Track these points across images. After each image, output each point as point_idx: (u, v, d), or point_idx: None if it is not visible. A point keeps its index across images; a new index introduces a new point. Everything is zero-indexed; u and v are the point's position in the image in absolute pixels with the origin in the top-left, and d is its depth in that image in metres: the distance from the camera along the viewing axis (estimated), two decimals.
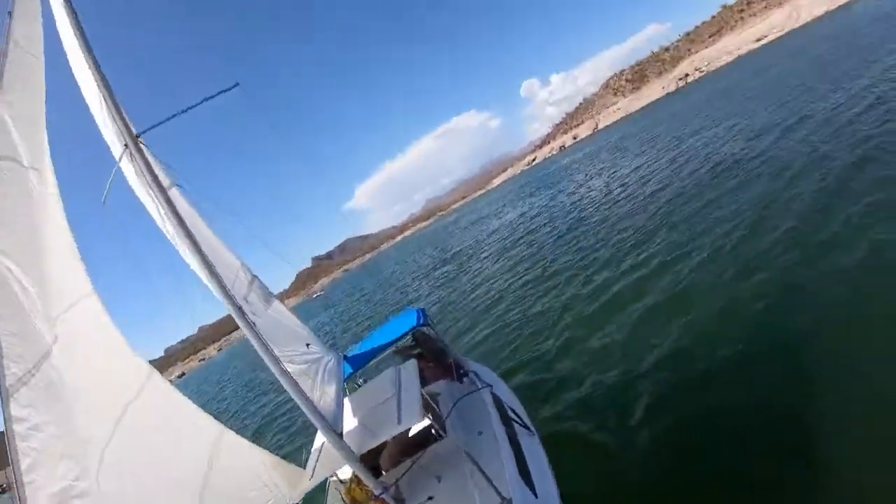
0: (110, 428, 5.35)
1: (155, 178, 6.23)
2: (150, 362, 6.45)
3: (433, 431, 7.76)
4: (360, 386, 10.95)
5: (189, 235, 6.23)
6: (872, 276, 9.31)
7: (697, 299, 11.80)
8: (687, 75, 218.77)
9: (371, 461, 7.91)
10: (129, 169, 6.68)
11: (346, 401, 8.71)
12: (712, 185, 20.48)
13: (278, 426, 23.06)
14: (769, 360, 8.65)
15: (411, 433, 8.26)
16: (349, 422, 8.08)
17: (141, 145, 6.38)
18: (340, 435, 6.28)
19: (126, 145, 6.28)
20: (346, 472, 8.09)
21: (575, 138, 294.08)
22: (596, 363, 11.52)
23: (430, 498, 6.87)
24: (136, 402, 5.79)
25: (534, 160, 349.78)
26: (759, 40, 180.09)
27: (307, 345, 9.62)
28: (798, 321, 9.19)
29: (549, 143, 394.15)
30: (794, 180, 15.71)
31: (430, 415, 7.63)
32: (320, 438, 8.78)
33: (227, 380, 63.34)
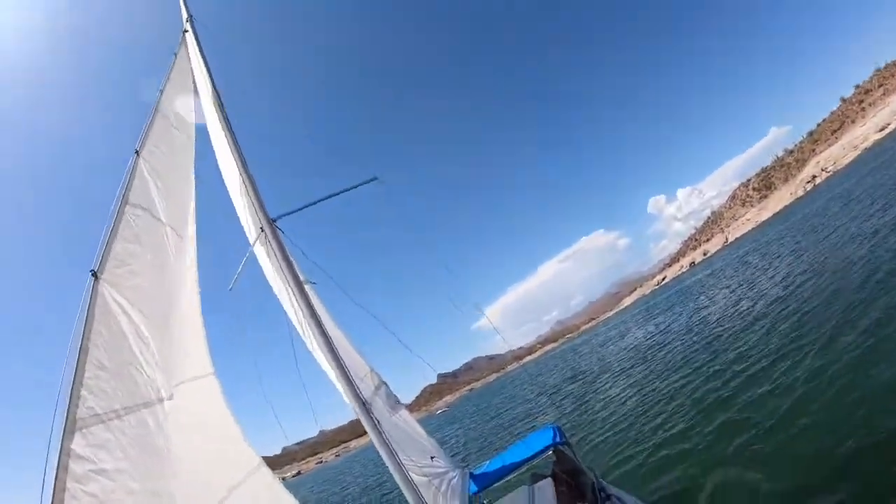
0: None
1: (289, 263, 6.10)
2: (266, 458, 6.12)
3: None
4: None
5: (320, 328, 5.91)
6: None
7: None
8: (814, 177, 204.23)
9: None
10: (263, 255, 6.69)
11: None
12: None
13: None
14: None
15: None
16: None
17: (276, 230, 6.35)
18: None
19: (262, 229, 6.24)
20: None
21: (705, 254, 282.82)
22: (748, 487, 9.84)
23: None
24: (239, 490, 5.38)
25: (663, 279, 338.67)
26: (882, 129, 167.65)
27: (431, 457, 8.97)
28: None
29: (678, 260, 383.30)
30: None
31: None
32: None
33: (347, 482, 63.09)
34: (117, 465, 3.79)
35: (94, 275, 4.44)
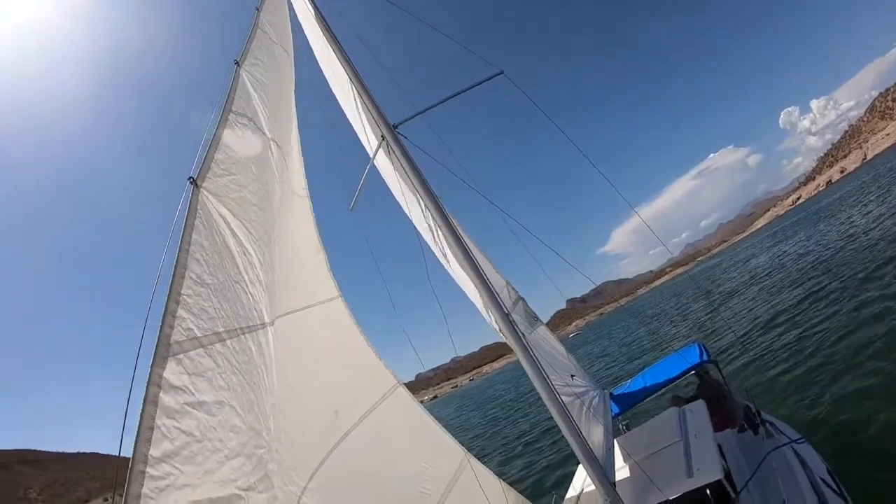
0: (332, 443, 4.54)
1: (416, 170, 5.53)
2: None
3: (717, 492, 5.64)
4: (625, 428, 9.36)
5: (456, 235, 5.31)
6: None
7: None
8: None
9: None
10: (385, 166, 6.24)
11: (615, 443, 7.15)
12: None
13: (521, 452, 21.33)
14: None
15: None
16: (620, 470, 6.51)
17: (399, 137, 5.81)
18: (613, 485, 4.78)
19: (383, 137, 5.68)
20: None
21: (842, 172, 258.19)
22: None
23: None
24: (375, 413, 5.00)
25: (798, 199, 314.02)
26: None
27: (571, 376, 8.35)
28: None
29: (813, 178, 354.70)
30: None
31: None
32: (579, 483, 7.36)
33: (476, 405, 64.44)
34: (218, 396, 3.16)
35: (193, 182, 3.83)
